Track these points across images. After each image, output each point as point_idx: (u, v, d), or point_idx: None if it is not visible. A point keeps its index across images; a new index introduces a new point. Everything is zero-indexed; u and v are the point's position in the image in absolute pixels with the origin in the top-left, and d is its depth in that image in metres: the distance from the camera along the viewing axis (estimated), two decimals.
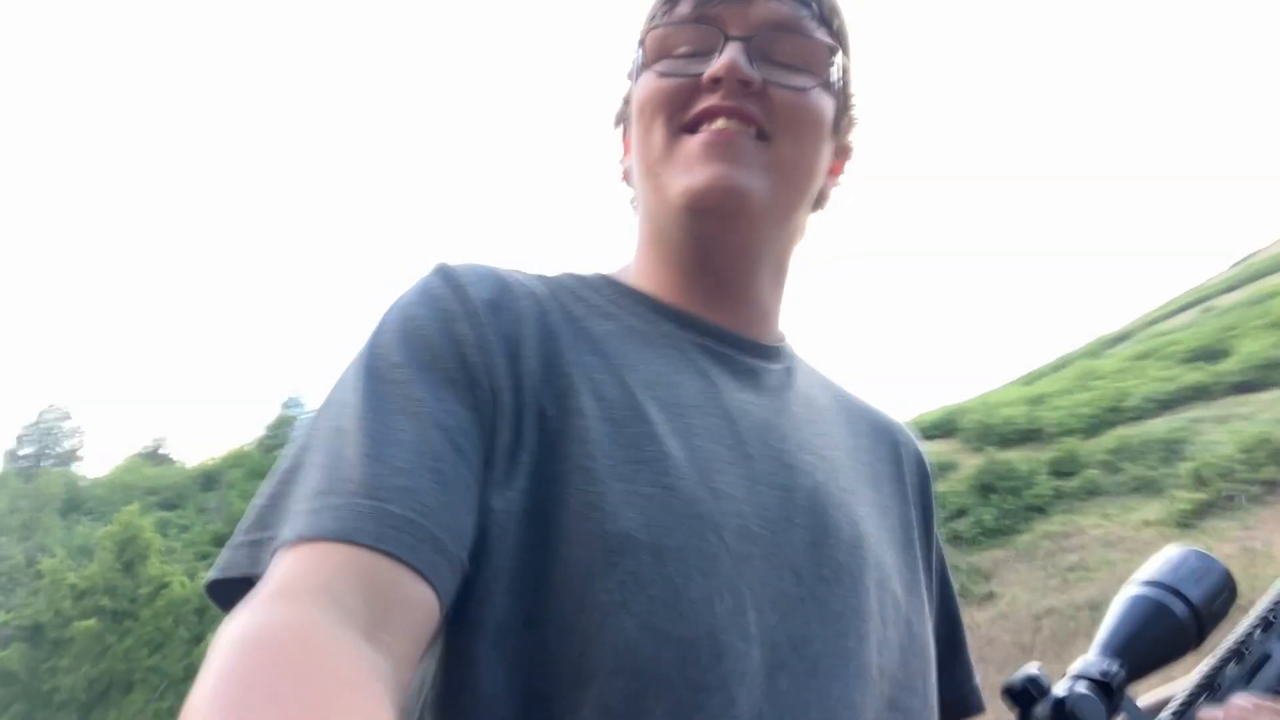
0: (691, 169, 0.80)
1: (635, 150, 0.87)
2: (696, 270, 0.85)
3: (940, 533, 0.96)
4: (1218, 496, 15.71)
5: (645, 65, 0.86)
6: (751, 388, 0.84)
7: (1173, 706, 0.72)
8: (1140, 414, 20.52)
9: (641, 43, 0.86)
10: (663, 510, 0.67)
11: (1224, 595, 0.79)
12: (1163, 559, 0.82)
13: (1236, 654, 0.76)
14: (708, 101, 0.80)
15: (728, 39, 0.80)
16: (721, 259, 0.85)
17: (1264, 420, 17.26)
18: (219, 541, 33.07)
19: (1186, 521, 15.74)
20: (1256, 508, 15.25)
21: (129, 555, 29.86)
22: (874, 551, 0.79)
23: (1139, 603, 0.78)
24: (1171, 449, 18.12)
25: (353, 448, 0.63)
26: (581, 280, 0.87)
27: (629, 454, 0.70)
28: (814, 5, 0.85)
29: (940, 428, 24.47)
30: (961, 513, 19.37)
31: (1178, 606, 0.78)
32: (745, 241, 0.84)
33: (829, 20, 0.86)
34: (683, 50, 0.83)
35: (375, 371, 0.69)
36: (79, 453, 55.76)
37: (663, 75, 0.83)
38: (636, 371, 0.77)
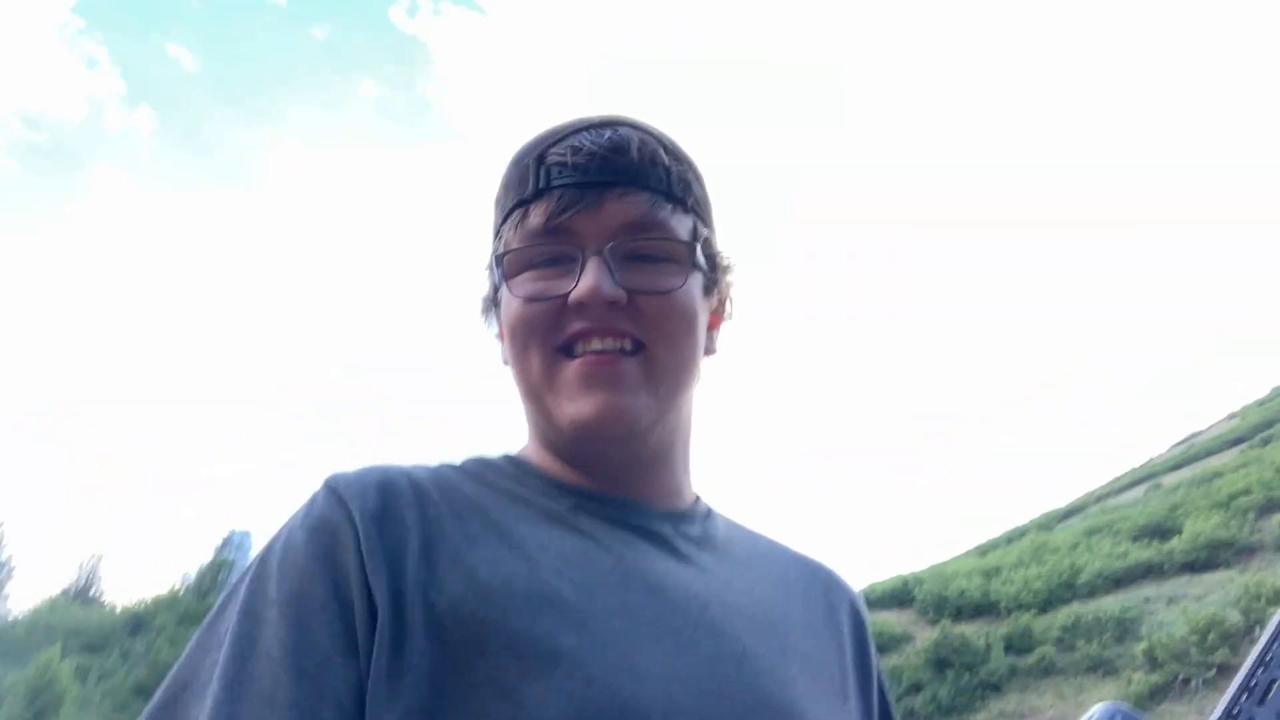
0: (575, 398, 0.80)
1: (514, 367, 0.86)
2: (594, 469, 0.86)
3: (897, 706, 0.96)
4: (1172, 679, 15.54)
5: (507, 278, 0.85)
6: (669, 555, 0.83)
7: None
8: (1093, 590, 20.49)
9: (500, 260, 0.85)
10: (583, 706, 0.65)
11: None
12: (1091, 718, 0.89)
13: (1246, 689, 0.82)
14: (578, 325, 0.80)
15: (586, 254, 0.80)
16: (617, 464, 0.85)
17: (1214, 601, 17.28)
18: (140, 692, 31.25)
19: (1142, 705, 15.49)
20: (1211, 692, 15.08)
21: (41, 704, 28.03)
22: (809, 715, 0.78)
23: None
24: (1125, 627, 18.00)
25: (206, 702, 0.65)
26: (486, 464, 0.87)
27: (542, 647, 0.68)
28: (666, 188, 0.84)
29: (895, 597, 24.21)
30: (918, 688, 18.92)
31: None
32: (638, 449, 0.85)
33: (684, 198, 0.86)
34: (542, 259, 0.83)
35: (251, 611, 0.69)
36: (4, 590, 53.16)
37: (529, 300, 0.82)
38: (548, 553, 0.76)
